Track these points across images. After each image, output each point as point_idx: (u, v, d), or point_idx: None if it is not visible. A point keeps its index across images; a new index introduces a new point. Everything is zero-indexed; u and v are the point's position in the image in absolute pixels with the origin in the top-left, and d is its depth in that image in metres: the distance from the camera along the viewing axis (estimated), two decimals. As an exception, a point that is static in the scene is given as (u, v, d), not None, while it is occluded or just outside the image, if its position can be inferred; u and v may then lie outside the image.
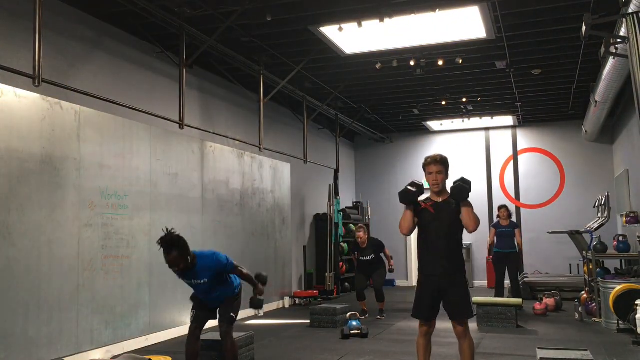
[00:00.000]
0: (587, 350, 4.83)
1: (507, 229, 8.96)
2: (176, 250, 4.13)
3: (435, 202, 4.20)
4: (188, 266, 4.23)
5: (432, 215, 4.16)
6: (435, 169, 4.19)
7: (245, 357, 5.25)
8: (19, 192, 5.00)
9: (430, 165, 4.21)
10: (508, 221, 9.04)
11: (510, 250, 8.90)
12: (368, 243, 8.43)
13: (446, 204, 4.16)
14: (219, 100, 8.83)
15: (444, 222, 4.13)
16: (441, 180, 4.19)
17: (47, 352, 5.19)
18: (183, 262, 4.17)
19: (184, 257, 4.16)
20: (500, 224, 9.04)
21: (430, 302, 4.16)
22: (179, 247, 4.14)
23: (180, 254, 4.14)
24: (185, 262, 4.18)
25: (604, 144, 12.55)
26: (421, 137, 14.12)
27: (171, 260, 4.14)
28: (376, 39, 7.34)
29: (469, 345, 4.11)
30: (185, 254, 4.17)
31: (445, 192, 4.22)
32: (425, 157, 4.28)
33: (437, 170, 4.18)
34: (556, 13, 6.81)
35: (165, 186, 6.98)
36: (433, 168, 4.20)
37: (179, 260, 4.14)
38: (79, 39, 6.24)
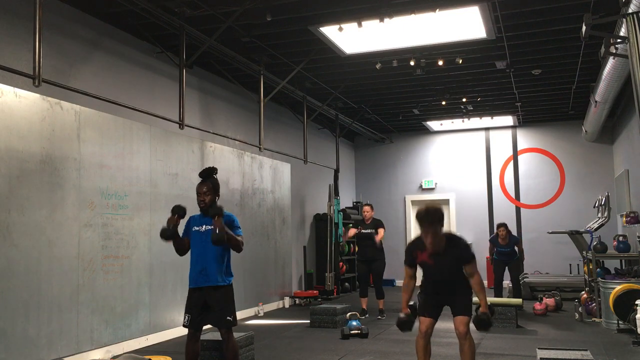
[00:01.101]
0: (587, 350, 4.84)
1: (506, 248, 8.86)
2: (211, 182, 4.47)
3: (433, 254, 4.11)
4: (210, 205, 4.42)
5: (431, 267, 4.17)
6: (429, 230, 3.95)
7: (245, 357, 5.26)
8: (19, 192, 5.00)
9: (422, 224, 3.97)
10: (507, 240, 8.86)
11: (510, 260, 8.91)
12: (372, 221, 8.52)
13: (444, 256, 4.08)
14: (219, 100, 8.83)
15: (444, 271, 4.15)
16: (436, 239, 3.99)
17: (47, 352, 5.19)
18: (211, 195, 4.44)
19: (214, 192, 4.47)
20: (499, 242, 8.90)
21: (434, 298, 4.25)
22: (214, 181, 4.49)
23: (213, 187, 4.46)
24: (213, 197, 4.45)
25: (604, 144, 12.55)
26: (421, 137, 14.12)
27: (203, 190, 4.44)
28: (376, 39, 7.34)
29: (470, 346, 4.11)
30: (216, 190, 4.49)
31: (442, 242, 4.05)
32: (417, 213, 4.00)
33: (432, 230, 3.95)
34: (556, 13, 6.81)
35: (165, 186, 6.98)
36: (427, 228, 3.95)
37: (209, 191, 4.44)
38: (79, 39, 6.24)
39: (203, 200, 4.46)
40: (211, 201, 4.46)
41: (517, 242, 8.99)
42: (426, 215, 3.94)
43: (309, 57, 8.17)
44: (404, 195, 14.08)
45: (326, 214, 11.34)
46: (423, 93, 10.51)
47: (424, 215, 3.95)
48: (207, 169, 4.54)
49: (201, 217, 4.53)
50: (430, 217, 3.94)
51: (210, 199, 4.45)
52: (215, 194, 4.50)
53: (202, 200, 4.46)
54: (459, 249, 4.11)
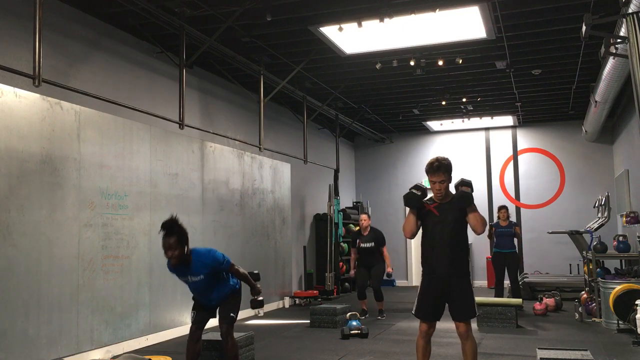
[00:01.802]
0: (587, 350, 4.83)
1: (507, 228, 8.99)
2: (176, 235, 4.15)
3: (439, 204, 4.20)
4: (184, 259, 4.22)
5: (436, 217, 4.17)
6: (437, 179, 4.14)
7: (245, 357, 5.25)
8: (19, 192, 5.00)
9: (432, 174, 4.15)
10: (507, 222, 9.07)
11: (509, 250, 8.92)
12: (370, 231, 8.44)
13: (450, 205, 4.17)
14: (219, 100, 8.83)
15: (449, 223, 4.14)
16: (444, 188, 4.16)
17: (47, 352, 5.19)
18: (180, 249, 4.16)
19: (182, 244, 4.17)
20: (500, 224, 9.07)
21: (433, 302, 4.17)
22: (179, 232, 4.17)
23: (179, 239, 4.16)
24: (182, 250, 4.18)
25: (604, 144, 12.55)
26: (421, 137, 14.12)
27: (169, 245, 4.14)
28: (376, 39, 7.34)
29: (471, 346, 4.11)
30: (183, 241, 4.19)
31: (449, 194, 4.22)
32: (428, 163, 4.19)
33: (440, 179, 4.13)
34: (556, 13, 6.81)
35: (165, 186, 6.98)
36: (435, 177, 4.14)
37: (176, 246, 4.14)
38: (79, 39, 6.24)
39: (172, 256, 4.18)
40: (180, 255, 4.18)
41: (516, 225, 9.18)
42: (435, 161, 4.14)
43: (309, 57, 8.17)
44: (404, 195, 14.05)
45: (326, 214, 11.34)
46: (423, 93, 10.51)
47: (433, 163, 4.14)
48: (169, 221, 4.19)
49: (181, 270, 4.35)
50: (440, 166, 4.12)
51: (178, 253, 4.17)
52: (184, 244, 4.20)
53: (170, 256, 4.18)
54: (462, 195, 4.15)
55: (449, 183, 4.20)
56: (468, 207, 4.13)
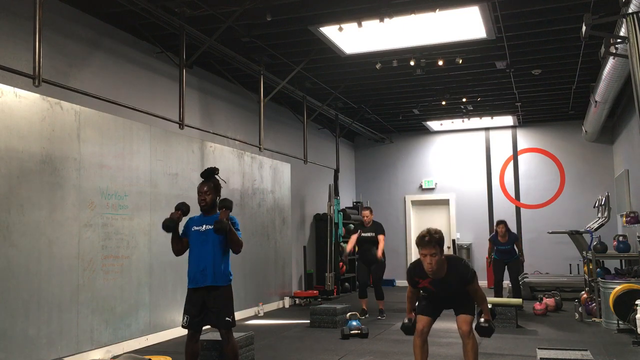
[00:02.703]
0: (587, 350, 4.84)
1: (506, 246, 8.81)
2: (212, 182, 4.48)
3: (434, 279, 4.11)
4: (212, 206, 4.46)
5: (433, 292, 4.20)
6: (428, 252, 3.92)
7: (245, 357, 5.26)
8: (19, 192, 5.00)
9: (422, 247, 3.94)
10: (507, 238, 8.81)
11: (510, 260, 8.88)
12: (372, 224, 8.51)
13: (445, 283, 4.10)
14: (219, 100, 8.83)
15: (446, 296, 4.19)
16: (436, 262, 3.95)
17: (47, 352, 5.19)
18: (212, 194, 4.46)
19: (214, 193, 4.47)
20: (499, 239, 8.86)
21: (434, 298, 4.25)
22: (215, 182, 4.50)
23: (213, 186, 4.48)
24: (214, 196, 4.47)
25: (604, 144, 12.55)
26: (421, 137, 14.12)
27: (203, 189, 4.45)
28: (376, 39, 7.34)
29: (473, 345, 4.11)
30: (217, 190, 4.50)
31: (442, 267, 4.05)
32: (418, 235, 3.98)
33: (431, 252, 3.92)
34: (556, 13, 6.81)
35: (165, 186, 6.98)
36: (425, 251, 3.92)
37: (210, 191, 4.45)
38: (79, 39, 6.24)
39: (204, 200, 4.48)
40: (212, 200, 4.48)
41: (516, 240, 8.93)
42: (426, 235, 3.93)
43: (309, 57, 8.17)
44: (404, 195, 14.08)
45: (326, 214, 11.34)
46: (423, 93, 10.51)
47: (423, 236, 3.93)
48: (209, 169, 4.55)
49: (201, 218, 4.53)
50: (431, 237, 3.92)
51: (211, 199, 4.48)
52: (217, 193, 4.52)
53: (203, 199, 4.48)
54: (460, 272, 4.09)
55: (441, 256, 3.98)
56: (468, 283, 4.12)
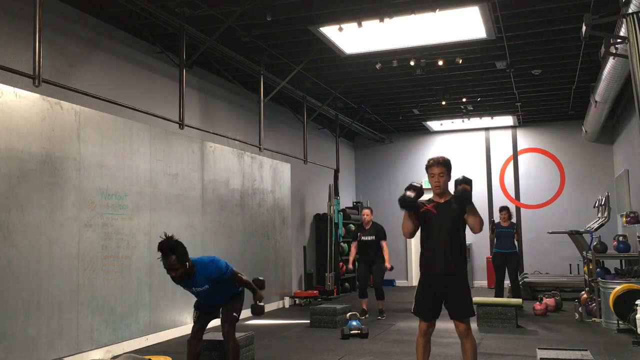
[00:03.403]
0: (587, 350, 4.83)
1: (508, 229, 8.99)
2: (175, 254, 4.13)
3: (438, 203, 4.23)
4: (187, 272, 4.22)
5: (434, 216, 4.19)
6: (437, 171, 4.22)
7: (245, 357, 5.25)
8: (19, 192, 5.00)
9: (432, 167, 4.24)
10: (508, 222, 9.06)
11: (510, 251, 8.93)
12: (371, 225, 8.47)
13: (448, 205, 4.19)
14: (219, 100, 8.83)
15: (447, 222, 4.16)
16: (443, 182, 4.23)
17: (47, 352, 5.19)
18: (181, 267, 4.16)
19: (182, 262, 4.16)
20: (501, 224, 9.06)
21: (431, 301, 4.17)
22: (178, 251, 4.15)
23: (178, 258, 4.14)
24: (184, 267, 4.18)
25: (604, 144, 12.55)
26: (421, 137, 14.12)
27: (170, 265, 4.14)
28: (376, 39, 7.34)
29: (471, 345, 4.11)
30: (183, 259, 4.17)
31: (447, 192, 4.26)
32: (428, 159, 4.30)
33: (439, 172, 4.22)
34: (556, 13, 6.81)
35: (165, 186, 6.98)
36: (435, 170, 4.23)
37: (177, 264, 4.14)
38: (79, 39, 6.24)
39: (175, 276, 4.21)
40: (183, 272, 4.20)
41: (517, 227, 9.18)
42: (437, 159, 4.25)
43: (309, 57, 8.17)
44: (404, 195, 14.05)
45: (326, 214, 11.34)
46: (423, 93, 10.51)
47: (434, 158, 4.26)
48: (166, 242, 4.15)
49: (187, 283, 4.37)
50: (441, 159, 4.23)
51: (181, 272, 4.19)
52: (185, 260, 4.19)
53: (173, 275, 4.21)
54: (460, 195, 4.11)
55: (448, 180, 4.26)
56: (467, 205, 4.12)
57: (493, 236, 9.21)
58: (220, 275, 4.34)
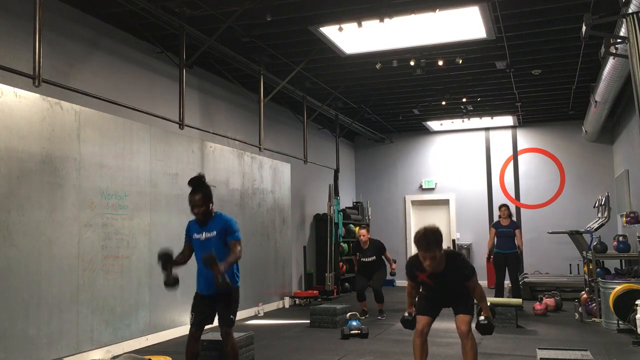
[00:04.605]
0: (587, 350, 4.83)
1: (508, 228, 8.96)
2: (202, 192, 4.31)
3: (432, 274, 4.12)
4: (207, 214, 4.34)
5: (431, 287, 4.21)
6: (428, 255, 3.91)
7: (245, 357, 5.26)
8: (19, 192, 5.00)
9: (422, 250, 3.93)
10: (508, 221, 9.04)
11: (510, 251, 8.91)
12: (370, 244, 8.44)
13: (444, 277, 4.10)
14: (219, 100, 8.83)
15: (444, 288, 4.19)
16: (435, 264, 3.97)
17: (47, 352, 5.19)
18: (205, 205, 4.31)
19: (207, 201, 4.33)
20: (501, 223, 9.04)
21: (433, 298, 4.25)
22: (205, 191, 4.34)
23: (204, 197, 4.32)
24: (207, 207, 4.33)
25: (604, 144, 12.55)
26: (421, 137, 14.12)
27: (195, 200, 4.30)
28: (376, 39, 7.34)
29: (472, 346, 4.11)
30: (209, 198, 4.35)
31: (441, 263, 4.03)
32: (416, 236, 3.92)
33: (431, 256, 3.91)
34: (556, 13, 6.81)
35: (165, 186, 6.98)
36: (426, 254, 3.91)
37: (202, 202, 4.30)
38: (79, 39, 6.24)
39: (198, 212, 4.33)
40: (205, 210, 4.34)
41: (517, 226, 9.12)
42: (424, 239, 3.89)
43: (309, 57, 8.17)
44: (404, 195, 14.08)
45: (326, 214, 11.34)
46: (423, 93, 10.51)
47: (421, 239, 3.90)
48: (196, 178, 4.37)
49: (199, 225, 4.46)
50: (429, 240, 3.89)
51: (204, 210, 4.33)
52: (209, 201, 4.36)
53: (196, 211, 4.34)
54: (458, 268, 4.11)
55: (440, 253, 3.96)
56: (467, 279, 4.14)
57: (491, 245, 9.14)
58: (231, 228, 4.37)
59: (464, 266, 4.13)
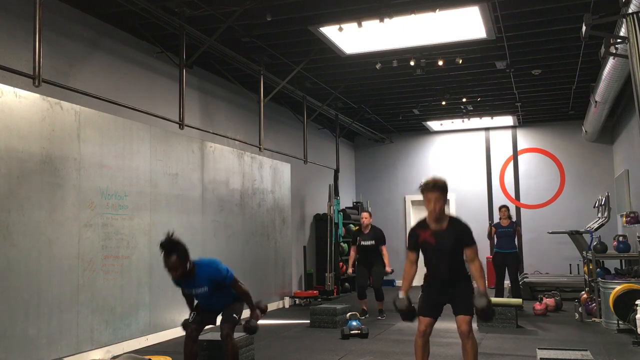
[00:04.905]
0: (587, 350, 4.84)
1: (507, 228, 9.00)
2: (176, 253, 4.17)
3: (435, 231, 4.14)
4: (186, 273, 4.25)
5: (433, 247, 4.17)
6: (433, 197, 4.05)
7: (245, 357, 5.26)
8: (19, 192, 5.00)
9: (427, 192, 4.07)
10: (508, 221, 9.07)
11: (510, 251, 8.93)
12: (370, 229, 8.46)
13: (447, 234, 4.12)
14: (219, 100, 8.83)
15: (446, 250, 4.14)
16: (439, 207, 4.07)
17: (47, 352, 5.19)
18: (182, 267, 4.19)
19: (183, 261, 4.20)
20: (501, 224, 9.07)
21: (434, 299, 4.23)
22: (179, 251, 4.19)
23: (179, 258, 4.18)
24: (184, 267, 4.21)
25: (604, 144, 12.54)
26: (421, 137, 14.12)
27: (170, 264, 4.17)
28: (376, 39, 7.34)
29: (472, 346, 4.11)
30: (184, 259, 4.21)
31: (444, 218, 4.15)
32: (423, 182, 4.13)
33: (435, 197, 4.04)
34: (556, 13, 6.81)
35: (165, 186, 6.98)
36: (430, 195, 4.05)
37: (178, 264, 4.17)
38: (79, 39, 6.24)
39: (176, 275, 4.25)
40: (183, 271, 4.23)
41: (517, 225, 9.19)
42: (431, 181, 4.08)
43: (309, 57, 8.17)
44: (404, 195, 14.08)
45: (326, 214, 11.34)
46: (423, 93, 10.51)
47: (429, 181, 4.08)
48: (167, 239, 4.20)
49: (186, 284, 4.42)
50: (435, 182, 4.07)
51: (181, 272, 4.23)
52: (186, 260, 4.24)
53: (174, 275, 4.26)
54: (461, 229, 4.15)
55: (445, 204, 4.11)
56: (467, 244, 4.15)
57: (492, 240, 9.19)
58: (220, 277, 4.35)
59: (465, 230, 4.14)
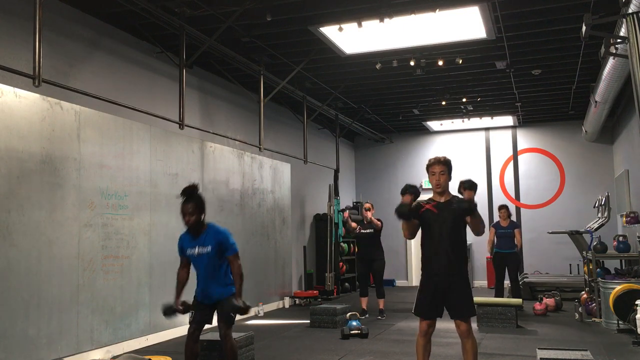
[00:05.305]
0: (587, 350, 4.83)
1: (507, 229, 8.98)
2: (195, 201, 4.31)
3: (438, 202, 4.24)
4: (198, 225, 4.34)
5: (435, 216, 4.19)
6: (438, 170, 4.24)
7: (245, 357, 5.26)
8: (19, 192, 5.00)
9: (433, 165, 4.27)
10: (508, 221, 9.05)
11: (509, 251, 8.92)
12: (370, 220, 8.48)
13: (449, 204, 4.20)
14: (219, 100, 8.83)
15: (447, 222, 4.16)
16: (444, 180, 4.24)
17: (47, 352, 5.19)
18: (197, 214, 4.31)
19: (199, 211, 4.33)
20: (500, 224, 9.06)
21: (432, 300, 4.17)
22: (198, 200, 4.33)
23: (197, 205, 4.31)
24: (199, 215, 4.33)
25: (604, 144, 12.55)
26: (421, 137, 14.12)
27: (187, 208, 4.29)
28: (376, 39, 7.34)
29: (472, 345, 4.11)
30: (201, 208, 4.34)
31: (448, 192, 4.28)
32: (429, 159, 4.34)
33: (440, 170, 4.24)
34: (556, 13, 6.81)
35: (165, 186, 6.98)
36: (436, 169, 4.25)
37: (194, 211, 4.29)
38: (79, 39, 6.24)
39: (189, 221, 4.33)
40: (197, 220, 4.34)
41: (517, 226, 9.14)
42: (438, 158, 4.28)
43: (309, 57, 8.17)
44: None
45: (326, 214, 11.34)
46: (423, 93, 10.51)
47: (435, 157, 4.30)
48: (189, 187, 4.36)
49: (190, 239, 4.45)
50: (442, 158, 4.27)
51: (195, 219, 4.33)
52: (201, 212, 4.36)
53: (187, 220, 4.34)
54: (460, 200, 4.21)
55: (449, 179, 4.28)
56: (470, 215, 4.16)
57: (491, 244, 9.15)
58: (227, 243, 4.37)
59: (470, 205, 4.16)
